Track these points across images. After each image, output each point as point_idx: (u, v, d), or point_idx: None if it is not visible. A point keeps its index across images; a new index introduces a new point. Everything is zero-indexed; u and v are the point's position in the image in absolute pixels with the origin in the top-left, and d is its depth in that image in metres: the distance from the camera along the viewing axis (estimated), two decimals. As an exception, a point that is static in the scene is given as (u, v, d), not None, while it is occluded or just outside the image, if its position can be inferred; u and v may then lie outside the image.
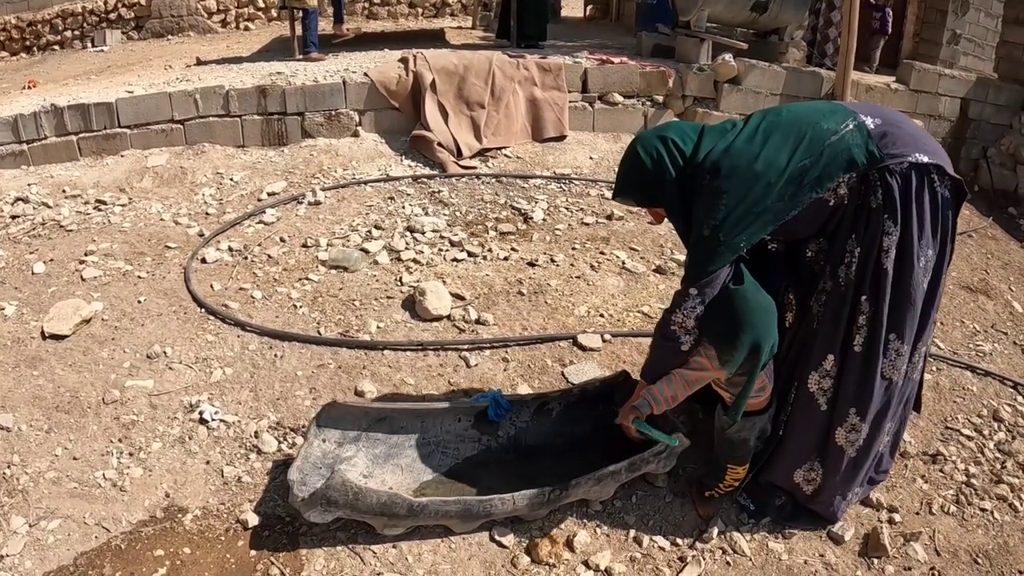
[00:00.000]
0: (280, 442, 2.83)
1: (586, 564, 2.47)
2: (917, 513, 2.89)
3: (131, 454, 2.72)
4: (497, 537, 2.51)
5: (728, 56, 6.46)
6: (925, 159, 2.24)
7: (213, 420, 2.87)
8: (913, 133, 2.31)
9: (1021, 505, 2.98)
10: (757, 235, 2.28)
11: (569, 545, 2.53)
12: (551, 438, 2.88)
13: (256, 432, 2.86)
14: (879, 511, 2.86)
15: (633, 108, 6.32)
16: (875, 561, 2.67)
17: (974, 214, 6.37)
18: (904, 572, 2.65)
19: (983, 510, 2.93)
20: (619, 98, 6.27)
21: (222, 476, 2.66)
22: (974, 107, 7.45)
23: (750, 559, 2.59)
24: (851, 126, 2.27)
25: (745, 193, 2.23)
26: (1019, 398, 3.64)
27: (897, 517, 2.83)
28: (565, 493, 2.49)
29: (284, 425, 2.91)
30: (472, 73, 5.71)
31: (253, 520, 2.47)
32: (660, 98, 6.39)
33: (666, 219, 2.57)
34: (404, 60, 5.81)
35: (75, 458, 2.68)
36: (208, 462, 2.72)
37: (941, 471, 3.10)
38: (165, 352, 3.22)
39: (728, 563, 2.57)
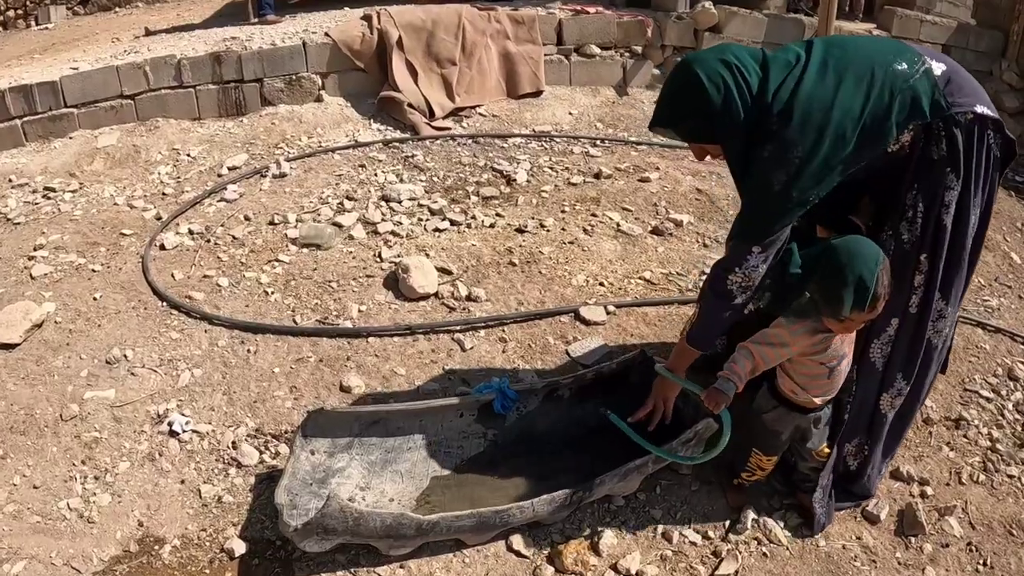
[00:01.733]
0: (261, 452, 2.55)
1: (615, 569, 2.27)
2: (947, 484, 2.78)
3: (96, 478, 2.41)
4: (515, 546, 2.28)
5: (707, 3, 6.18)
6: (988, 112, 2.06)
7: (184, 431, 2.57)
8: (973, 83, 2.12)
9: (1047, 470, 2.89)
10: (827, 189, 2.03)
11: (594, 548, 2.31)
12: (564, 427, 2.64)
13: (233, 442, 2.57)
14: (910, 484, 2.73)
15: (611, 60, 6.01)
16: (912, 539, 2.54)
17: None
18: (942, 550, 2.52)
19: (1010, 476, 2.83)
20: (596, 50, 5.95)
21: (200, 497, 2.38)
22: (955, 53, 7.22)
23: (787, 548, 2.43)
24: (921, 70, 2.04)
25: (820, 145, 1.97)
26: (1031, 354, 3.52)
27: (929, 490, 2.72)
28: (588, 493, 2.27)
29: (264, 432, 2.63)
30: (441, 28, 5.35)
31: (240, 548, 2.20)
32: (639, 48, 6.09)
33: (709, 157, 2.26)
34: (367, 17, 5.42)
35: (35, 487, 2.38)
36: (183, 481, 2.43)
37: (965, 436, 2.98)
38: (126, 355, 2.89)
39: (765, 555, 2.40)
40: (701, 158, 2.28)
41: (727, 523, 2.48)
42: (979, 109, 2.04)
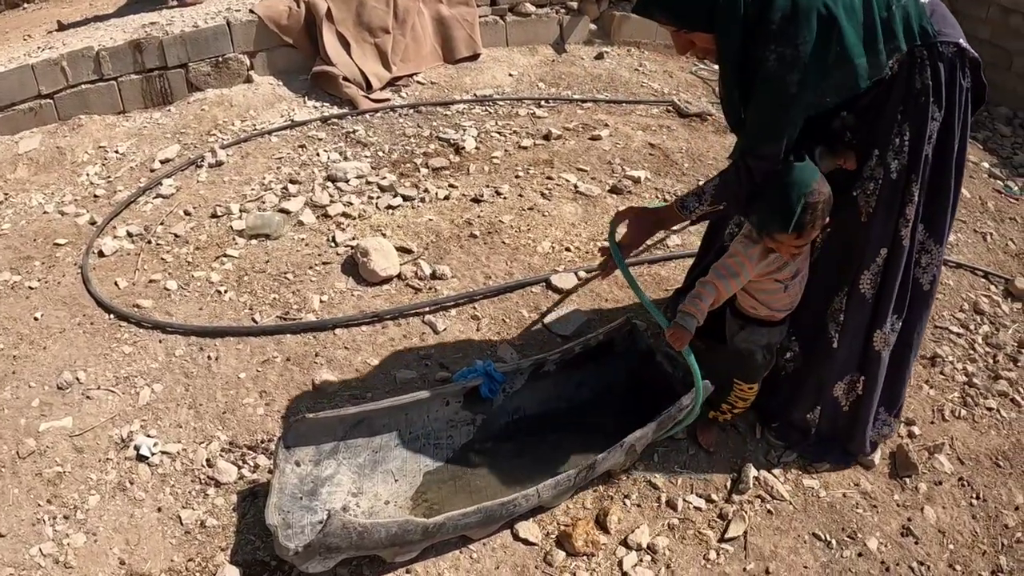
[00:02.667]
0: (239, 467, 2.39)
1: (626, 544, 2.22)
2: (932, 422, 2.82)
3: (67, 517, 2.22)
4: (522, 534, 2.20)
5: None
6: (969, 49, 2.02)
7: (153, 454, 2.39)
8: (952, 18, 2.05)
9: (1022, 399, 2.96)
10: (839, 97, 1.95)
11: (601, 526, 2.26)
12: (553, 403, 2.56)
13: (208, 459, 2.41)
14: (898, 426, 2.73)
15: (547, 17, 5.84)
16: (907, 480, 2.57)
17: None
18: (936, 488, 2.56)
19: (990, 409, 2.90)
20: (531, 8, 5.76)
21: (181, 524, 2.22)
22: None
23: (790, 502, 2.42)
24: None
25: (826, 40, 1.87)
26: (992, 288, 3.59)
27: (916, 429, 2.75)
28: (592, 471, 2.21)
29: (239, 444, 2.47)
30: (370, -5, 5.09)
31: (233, 574, 2.05)
32: (574, 4, 5.90)
33: (690, 54, 2.14)
34: (291, -11, 5.12)
35: (2, 535, 2.17)
36: (160, 509, 2.26)
37: (942, 373, 3.03)
38: (78, 378, 2.67)
39: (770, 511, 2.38)
40: (684, 52, 2.12)
41: (728, 483, 2.45)
42: (962, 43, 2.00)
